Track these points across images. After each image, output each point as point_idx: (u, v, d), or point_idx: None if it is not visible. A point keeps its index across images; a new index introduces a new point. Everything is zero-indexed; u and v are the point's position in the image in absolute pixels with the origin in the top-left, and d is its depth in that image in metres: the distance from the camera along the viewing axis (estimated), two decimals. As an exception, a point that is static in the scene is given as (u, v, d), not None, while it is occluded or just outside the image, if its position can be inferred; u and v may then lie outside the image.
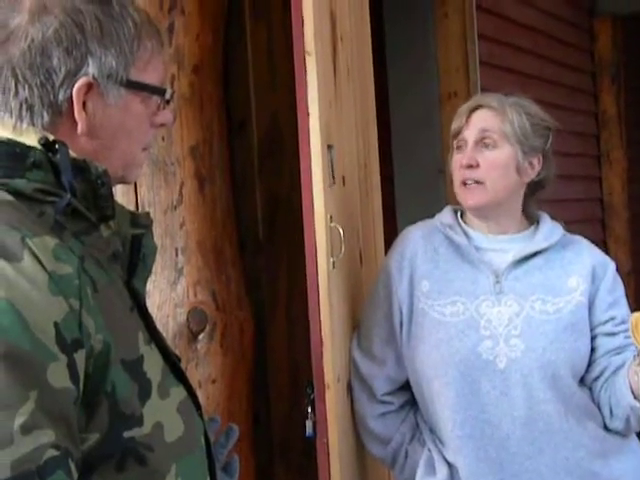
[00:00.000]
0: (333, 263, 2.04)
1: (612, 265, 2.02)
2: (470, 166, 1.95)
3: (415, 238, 2.03)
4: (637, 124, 5.83)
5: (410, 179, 3.91)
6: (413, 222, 2.13)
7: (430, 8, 3.76)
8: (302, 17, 1.99)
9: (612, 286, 1.98)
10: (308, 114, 2.00)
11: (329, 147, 2.06)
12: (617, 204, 5.31)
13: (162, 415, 1.11)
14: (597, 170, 5.35)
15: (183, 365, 2.27)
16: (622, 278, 4.84)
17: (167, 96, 1.24)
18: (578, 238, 2.05)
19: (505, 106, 1.98)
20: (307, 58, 1.99)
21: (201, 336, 2.31)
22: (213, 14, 2.38)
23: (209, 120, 2.37)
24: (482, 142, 1.96)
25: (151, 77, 1.20)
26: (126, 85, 1.17)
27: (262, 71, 2.58)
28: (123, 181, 1.24)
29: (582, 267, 1.97)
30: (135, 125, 1.20)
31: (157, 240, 2.26)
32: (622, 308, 1.97)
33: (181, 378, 1.20)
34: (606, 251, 5.20)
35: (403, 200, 3.92)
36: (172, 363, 1.19)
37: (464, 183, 1.96)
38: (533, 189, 2.04)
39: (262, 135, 2.57)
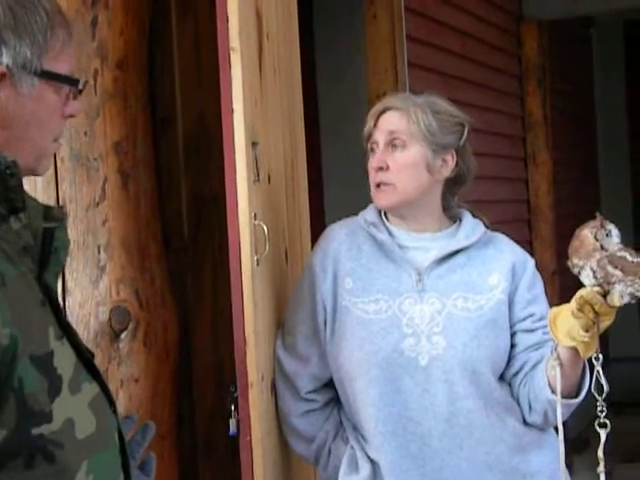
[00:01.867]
0: (257, 261, 2.03)
1: (531, 262, 2.04)
2: (380, 168, 1.98)
3: (339, 236, 2.04)
4: (562, 127, 5.94)
5: (340, 179, 3.93)
6: (342, 221, 2.13)
7: (359, 9, 3.78)
8: (227, 13, 1.99)
9: (531, 283, 2.01)
10: (232, 110, 1.99)
11: (254, 144, 2.05)
12: (543, 205, 5.40)
13: (73, 411, 1.09)
14: (523, 172, 5.44)
15: (105, 364, 2.26)
16: (547, 278, 4.94)
17: (80, 86, 1.22)
18: (499, 235, 2.07)
19: (410, 105, 2.00)
20: (232, 54, 1.98)
21: (123, 335, 2.28)
22: (138, 8, 2.35)
23: (133, 116, 2.34)
24: (392, 144, 1.98)
25: (63, 67, 1.19)
26: (40, 75, 1.15)
27: (188, 67, 2.56)
28: (34, 173, 1.22)
29: (503, 264, 1.99)
30: (47, 115, 1.18)
31: (79, 237, 2.25)
32: (541, 304, 2.00)
33: (95, 374, 1.18)
34: (532, 252, 5.29)
35: (332, 199, 3.94)
36: (85, 359, 1.17)
37: (377, 185, 1.98)
38: (451, 186, 2.06)
39: (188, 132, 2.55)
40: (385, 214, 2.06)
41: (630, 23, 7.10)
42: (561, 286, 5.20)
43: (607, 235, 1.72)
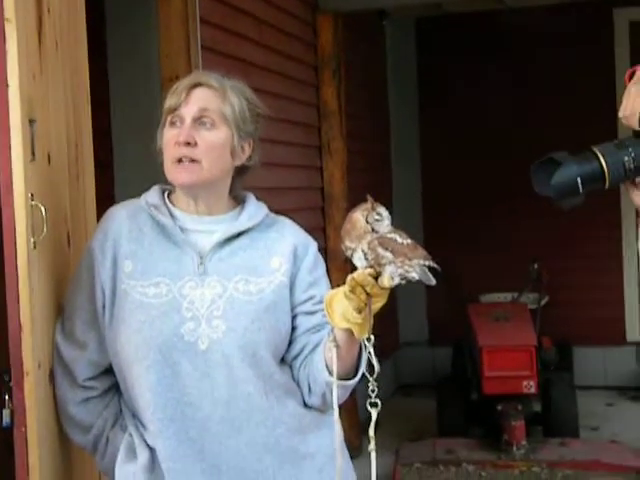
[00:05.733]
0: (34, 244, 1.96)
1: (314, 245, 2.06)
2: (188, 144, 1.93)
3: (120, 217, 1.99)
4: (356, 117, 6.09)
5: (131, 162, 3.84)
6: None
7: (152, -10, 3.71)
8: (0, -18, 1.89)
9: (313, 265, 2.02)
10: (7, 85, 1.91)
11: (31, 121, 1.97)
12: (336, 193, 5.51)
13: None
14: (318, 160, 5.53)
15: None
16: (340, 265, 5.02)
17: None
18: (282, 218, 2.08)
19: (226, 87, 1.98)
20: (6, 26, 1.90)
21: None
22: None
23: None
24: (200, 121, 1.94)
25: None
26: None
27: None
28: None
29: (285, 247, 2.00)
30: None
31: None
32: (322, 287, 2.01)
33: None
34: (325, 238, 5.39)
35: (123, 182, 3.86)
36: None
37: (179, 160, 1.94)
38: (240, 172, 2.05)
39: (-38, 108, 2.41)
40: (169, 196, 2.03)
41: (422, 18, 7.37)
42: (352, 272, 5.32)
43: (378, 218, 1.76)
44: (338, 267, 4.90)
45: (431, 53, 7.48)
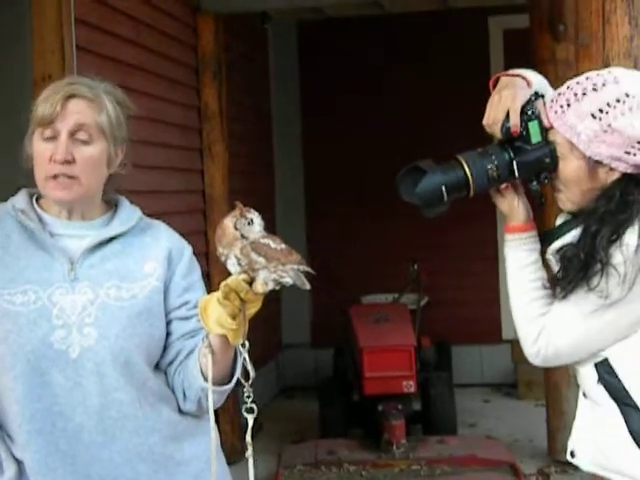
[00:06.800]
0: None
1: (189, 249, 2.04)
2: (67, 162, 1.88)
3: (-15, 223, 1.92)
4: (237, 119, 6.07)
5: (4, 168, 3.72)
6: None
7: (25, -12, 3.59)
8: None
9: (188, 270, 2.00)
10: None
11: None
12: (218, 196, 5.47)
13: None
14: (199, 163, 5.48)
15: None
16: (221, 268, 5.00)
17: None
18: (157, 223, 2.05)
19: (101, 96, 1.93)
20: None
21: None
22: None
23: None
24: (76, 135, 1.89)
25: None
26: None
27: None
28: None
29: (159, 251, 1.97)
30: None
31: None
32: (197, 292, 1.99)
33: None
34: (206, 242, 5.35)
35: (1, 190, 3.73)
36: None
37: (54, 176, 1.88)
38: (112, 176, 2.01)
39: None
40: (37, 200, 1.97)
41: (303, 21, 7.40)
42: (234, 275, 5.29)
43: (249, 224, 1.75)
44: (220, 271, 4.86)
45: (313, 55, 7.53)
